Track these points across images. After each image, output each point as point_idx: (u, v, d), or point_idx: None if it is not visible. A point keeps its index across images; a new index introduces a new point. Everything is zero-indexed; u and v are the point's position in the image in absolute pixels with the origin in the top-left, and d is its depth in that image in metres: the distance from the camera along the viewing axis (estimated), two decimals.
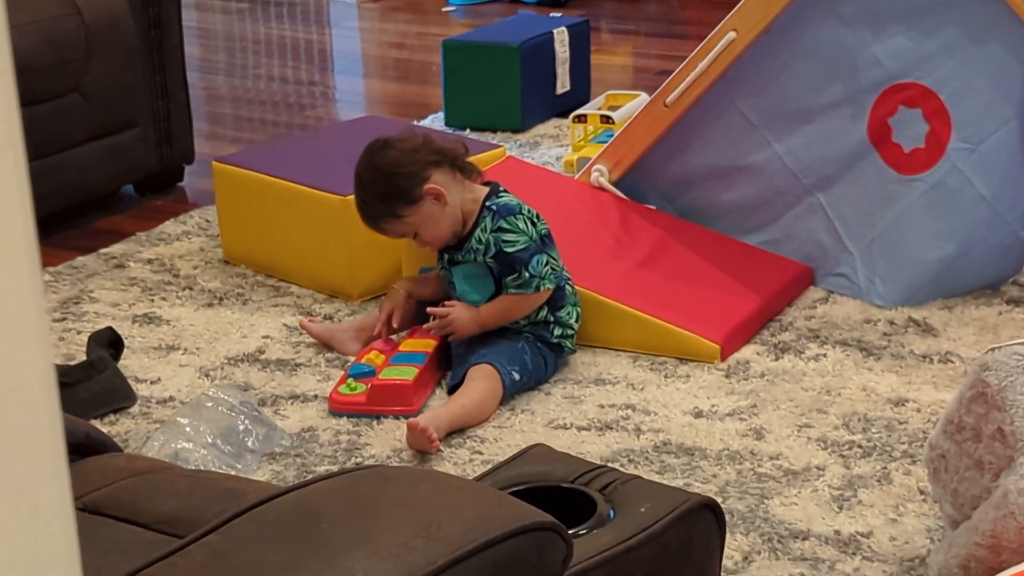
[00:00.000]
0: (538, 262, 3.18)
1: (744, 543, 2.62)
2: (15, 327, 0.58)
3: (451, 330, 3.24)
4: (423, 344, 3.27)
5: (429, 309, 3.27)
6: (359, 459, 2.95)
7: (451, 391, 3.17)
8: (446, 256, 3.31)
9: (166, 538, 1.75)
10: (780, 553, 2.59)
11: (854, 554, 2.58)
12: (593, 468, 1.54)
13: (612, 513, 1.53)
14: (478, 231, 3.22)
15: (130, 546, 1.75)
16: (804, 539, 2.63)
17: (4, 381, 0.58)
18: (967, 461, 2.36)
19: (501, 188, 3.29)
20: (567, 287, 3.28)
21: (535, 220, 3.22)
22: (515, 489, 1.53)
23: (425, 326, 3.29)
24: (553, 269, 3.21)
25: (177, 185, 4.66)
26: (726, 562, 2.56)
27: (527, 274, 3.18)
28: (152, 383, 3.32)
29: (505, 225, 3.19)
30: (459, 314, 3.23)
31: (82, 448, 2.02)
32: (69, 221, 4.32)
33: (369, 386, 3.14)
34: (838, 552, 2.59)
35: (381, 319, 3.34)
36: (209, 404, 3.02)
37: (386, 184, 3.20)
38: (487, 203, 3.23)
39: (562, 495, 1.55)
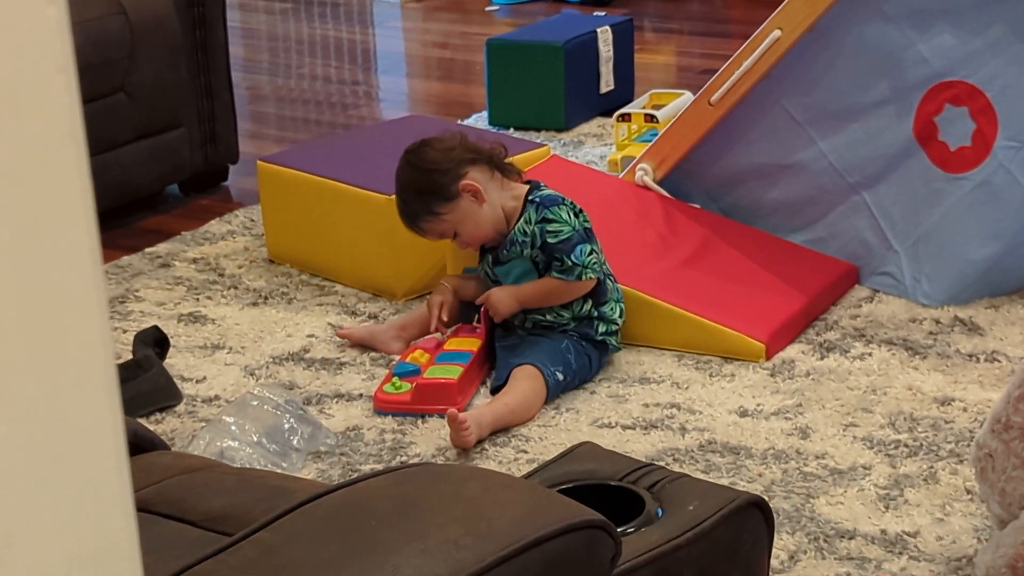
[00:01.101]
0: (581, 251, 3.18)
1: (790, 542, 2.61)
2: (79, 322, 0.58)
3: (492, 309, 3.25)
4: (468, 343, 3.27)
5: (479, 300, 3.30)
6: (404, 458, 2.96)
7: (494, 392, 3.17)
8: (489, 257, 3.31)
9: (214, 536, 1.75)
10: (826, 552, 2.58)
11: (900, 553, 2.57)
12: (641, 466, 1.54)
13: (660, 511, 1.53)
14: (521, 222, 3.23)
15: (178, 543, 1.75)
16: (850, 538, 2.62)
17: (69, 375, 0.58)
18: (1015, 460, 2.34)
19: (542, 184, 3.29)
20: (609, 282, 3.28)
21: (578, 212, 3.23)
22: (563, 487, 1.53)
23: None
24: (597, 260, 3.21)
25: (222, 185, 4.68)
26: (772, 561, 2.55)
27: (570, 262, 3.18)
28: (198, 382, 3.33)
29: (549, 215, 3.20)
30: (497, 292, 3.25)
31: (130, 446, 2.02)
32: (115, 220, 4.34)
33: (414, 385, 3.14)
34: (884, 551, 2.58)
35: (433, 315, 3.34)
36: (254, 403, 3.03)
37: (423, 182, 3.22)
38: (530, 197, 3.25)
39: (610, 493, 1.55)
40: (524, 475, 1.54)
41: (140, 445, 2.04)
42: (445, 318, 3.35)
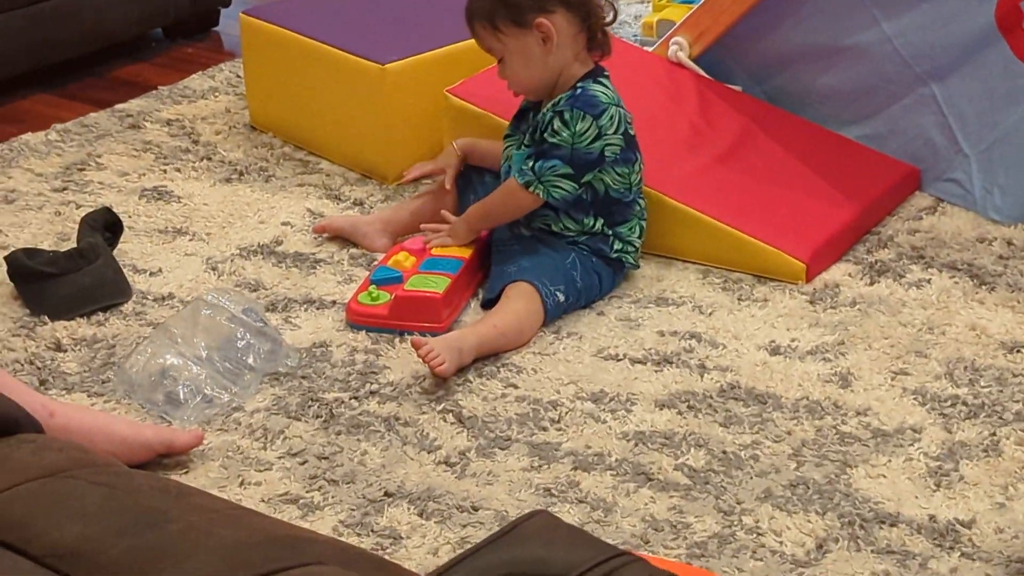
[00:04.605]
0: (551, 168, 2.73)
1: (819, 526, 2.17)
2: None
3: (448, 243, 2.85)
4: (459, 248, 2.82)
5: (423, 226, 2.90)
6: (374, 385, 2.53)
7: (486, 306, 2.74)
8: (512, 129, 2.89)
9: None
10: (862, 542, 2.15)
11: (951, 548, 2.14)
12: (611, 556, 1.10)
13: None
14: (551, 104, 2.75)
15: None
16: (892, 525, 2.18)
17: None
18: None
19: (605, 74, 2.80)
20: (637, 203, 2.82)
21: (604, 131, 2.73)
22: None
23: (424, 238, 2.86)
24: (616, 184, 2.76)
25: (212, 31, 4.21)
26: (795, 550, 2.13)
27: (530, 164, 2.75)
28: (151, 274, 2.91)
29: (566, 115, 2.72)
30: (453, 230, 2.86)
31: None
32: (87, 69, 3.90)
33: (393, 296, 2.70)
34: (932, 544, 2.14)
35: (426, 169, 3.01)
36: (207, 311, 2.60)
37: None
38: (579, 83, 2.76)
39: None
40: (447, 564, 1.12)
41: (0, 427, 1.61)
42: (448, 186, 2.95)
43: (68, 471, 1.51)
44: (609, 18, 2.80)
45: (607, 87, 2.77)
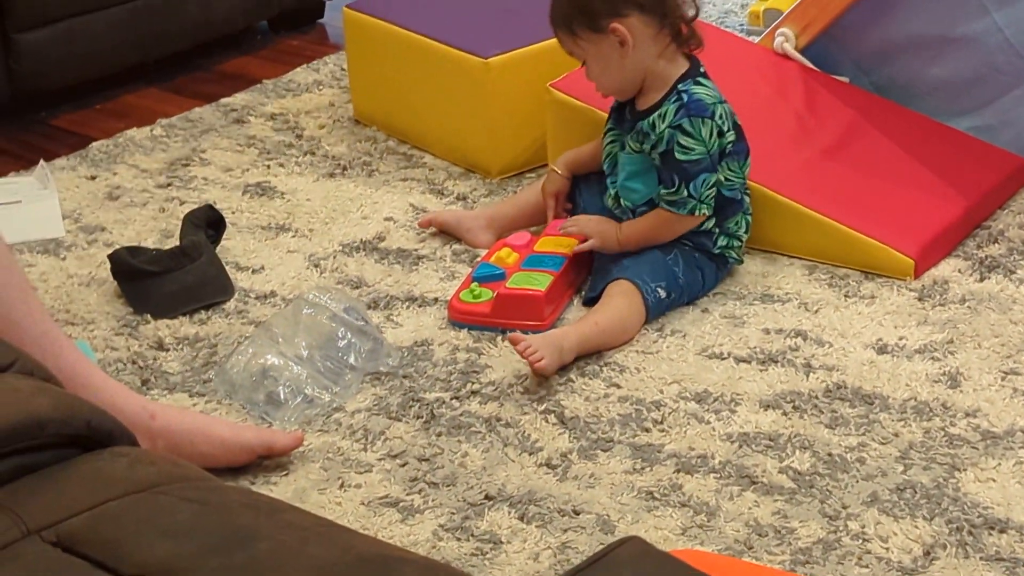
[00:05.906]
0: (704, 182, 2.67)
1: (927, 532, 2.13)
2: None
3: (588, 244, 2.79)
4: (563, 244, 2.80)
5: (561, 229, 2.84)
6: (475, 384, 2.52)
7: (587, 303, 2.72)
8: (614, 124, 2.84)
9: None
10: (971, 549, 2.10)
11: None
12: None
13: None
14: (656, 115, 2.70)
15: None
16: (1001, 531, 2.13)
17: None
18: None
19: (702, 70, 2.75)
20: (745, 198, 2.78)
21: (723, 129, 2.69)
22: None
23: (560, 227, 2.82)
24: (729, 181, 2.73)
25: (317, 23, 4.21)
26: (902, 556, 2.09)
27: (685, 192, 2.68)
28: (254, 272, 2.91)
29: (687, 127, 2.66)
30: (597, 233, 2.78)
31: (82, 440, 1.60)
32: (193, 62, 3.91)
33: (495, 294, 2.69)
34: None
35: (549, 205, 2.93)
36: (308, 310, 2.60)
37: None
38: (680, 86, 2.71)
39: None
40: None
41: (96, 439, 1.61)
42: (562, 210, 2.94)
43: (159, 486, 1.50)
44: (691, 13, 2.75)
45: (707, 86, 2.72)
